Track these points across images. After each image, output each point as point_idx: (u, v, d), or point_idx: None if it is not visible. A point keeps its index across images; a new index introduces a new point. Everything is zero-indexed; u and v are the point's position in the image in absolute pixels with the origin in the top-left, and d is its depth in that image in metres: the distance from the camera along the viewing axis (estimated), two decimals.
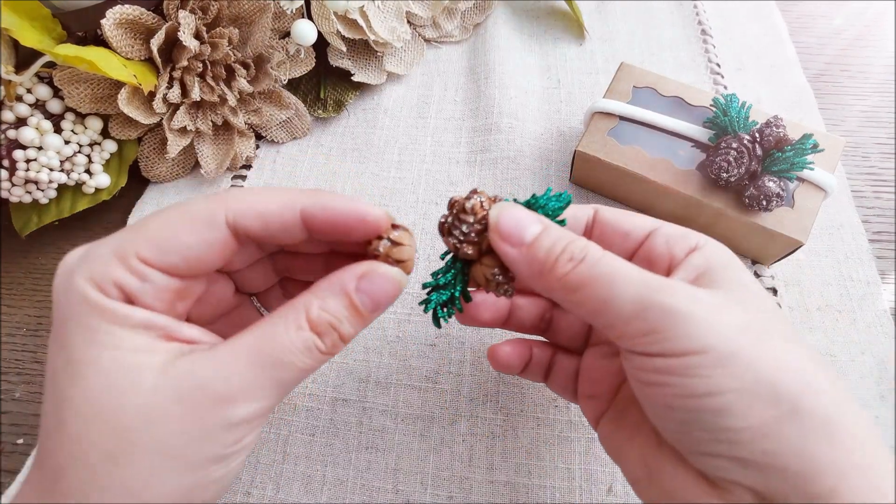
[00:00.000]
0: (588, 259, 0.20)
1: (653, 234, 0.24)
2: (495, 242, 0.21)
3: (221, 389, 0.18)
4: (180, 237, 0.19)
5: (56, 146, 0.37)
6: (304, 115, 0.46)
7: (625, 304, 0.19)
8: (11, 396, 0.36)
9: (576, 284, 0.20)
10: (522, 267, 0.21)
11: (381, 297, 0.21)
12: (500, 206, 0.22)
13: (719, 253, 0.23)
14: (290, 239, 0.21)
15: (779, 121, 0.34)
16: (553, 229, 0.21)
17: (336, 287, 0.20)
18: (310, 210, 0.21)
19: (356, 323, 0.21)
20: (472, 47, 0.51)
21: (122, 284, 0.19)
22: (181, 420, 0.18)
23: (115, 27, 0.35)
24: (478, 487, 0.31)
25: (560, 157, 0.44)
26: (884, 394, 0.33)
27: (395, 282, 0.21)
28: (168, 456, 0.18)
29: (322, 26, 0.43)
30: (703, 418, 0.18)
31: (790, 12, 0.53)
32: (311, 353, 0.20)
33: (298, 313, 0.20)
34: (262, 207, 0.20)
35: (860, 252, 0.39)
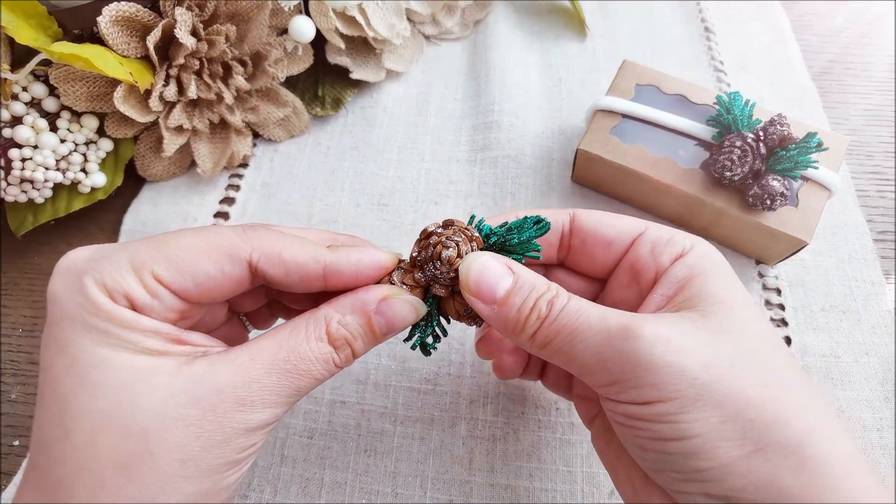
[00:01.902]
0: (551, 313, 0.20)
1: (637, 242, 0.24)
2: (468, 298, 0.22)
3: (242, 393, 0.19)
4: (200, 265, 0.19)
5: (52, 145, 0.36)
6: (301, 113, 0.46)
7: (587, 356, 0.19)
8: (7, 398, 0.36)
9: (543, 341, 0.20)
10: (496, 324, 0.21)
11: (398, 322, 0.22)
12: (471, 260, 0.21)
13: (702, 259, 0.22)
14: (306, 288, 0.22)
15: (783, 119, 0.34)
16: (523, 282, 0.21)
17: (357, 305, 0.21)
18: (334, 266, 0.21)
19: (369, 342, 0.22)
20: (473, 44, 0.51)
21: (132, 297, 0.18)
22: (199, 424, 0.18)
23: (111, 24, 0.35)
24: (478, 490, 0.31)
25: (561, 156, 0.43)
26: (888, 395, 0.33)
27: (414, 309, 0.22)
28: (185, 462, 0.18)
29: (320, 23, 0.42)
30: (673, 459, 0.18)
31: (792, 11, 0.53)
32: (328, 364, 0.21)
33: (319, 326, 0.21)
34: (289, 257, 0.21)
35: (864, 252, 0.38)
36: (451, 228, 0.23)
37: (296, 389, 0.20)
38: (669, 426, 0.18)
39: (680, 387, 0.18)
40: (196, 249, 0.20)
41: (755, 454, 0.17)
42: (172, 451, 0.17)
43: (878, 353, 0.34)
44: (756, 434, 0.17)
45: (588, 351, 0.19)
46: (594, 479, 0.31)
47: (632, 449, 0.20)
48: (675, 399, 0.18)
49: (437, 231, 0.23)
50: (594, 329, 0.19)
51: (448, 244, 0.22)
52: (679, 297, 0.21)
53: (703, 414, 0.17)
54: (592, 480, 0.31)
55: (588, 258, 0.25)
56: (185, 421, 0.18)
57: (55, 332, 0.18)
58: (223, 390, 0.18)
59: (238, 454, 0.19)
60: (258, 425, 0.19)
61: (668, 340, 0.18)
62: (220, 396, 0.18)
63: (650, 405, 0.18)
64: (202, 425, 0.18)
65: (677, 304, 0.21)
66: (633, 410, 0.19)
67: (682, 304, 0.21)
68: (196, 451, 0.18)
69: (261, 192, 0.43)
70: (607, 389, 0.19)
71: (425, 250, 0.22)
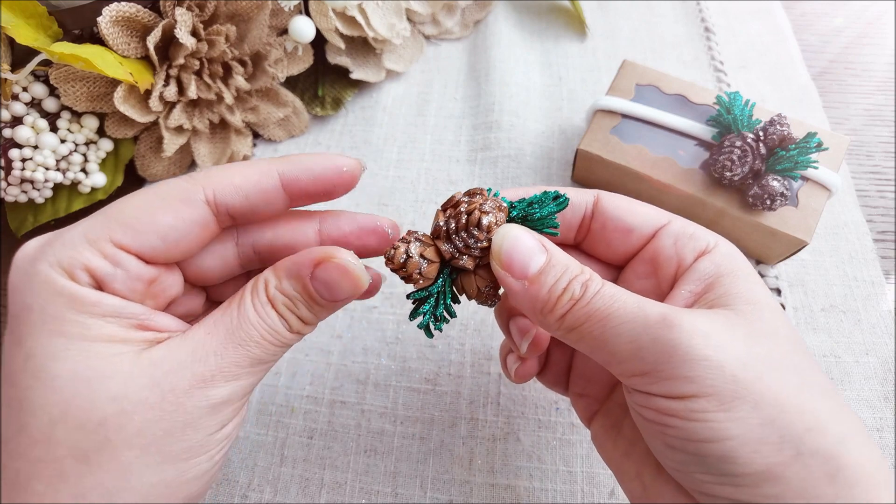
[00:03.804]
0: (585, 296, 0.19)
1: (660, 233, 0.23)
2: (497, 271, 0.20)
3: (200, 370, 0.18)
4: (157, 217, 0.19)
5: (52, 145, 0.36)
6: (301, 113, 0.46)
7: (620, 342, 0.18)
8: None
9: (572, 324, 0.19)
10: (524, 302, 0.20)
11: (337, 290, 0.20)
12: (504, 232, 0.20)
13: (729, 258, 0.21)
14: (271, 209, 0.21)
15: (783, 119, 0.34)
16: (556, 261, 0.20)
17: (294, 270, 0.20)
18: (288, 174, 0.21)
19: (315, 309, 0.20)
20: (473, 44, 0.51)
21: (92, 269, 0.18)
22: (160, 407, 0.17)
23: (111, 25, 0.35)
24: (478, 490, 0.31)
25: (562, 155, 0.43)
26: (888, 395, 0.33)
27: (351, 275, 0.20)
28: (147, 449, 0.17)
29: (320, 23, 0.42)
30: (705, 461, 0.17)
31: (792, 10, 0.53)
32: (277, 332, 0.20)
33: (259, 290, 0.20)
34: (241, 180, 0.20)
35: (865, 252, 0.38)
36: (479, 197, 0.21)
37: (255, 358, 0.19)
38: (704, 425, 0.17)
39: (717, 382, 0.17)
40: (149, 205, 0.19)
41: (793, 461, 0.16)
42: (133, 438, 0.17)
43: (878, 353, 0.34)
44: (794, 440, 0.16)
45: (622, 338, 0.18)
46: (594, 479, 0.31)
47: (656, 447, 0.20)
48: (711, 395, 0.17)
49: (465, 199, 0.22)
50: (630, 315, 0.18)
51: (486, 210, 0.21)
52: (710, 294, 0.20)
53: (741, 414, 0.17)
54: (592, 480, 0.31)
55: (606, 244, 0.25)
56: (145, 405, 0.17)
57: (13, 326, 0.18)
58: (181, 369, 0.18)
59: (205, 437, 0.18)
60: (221, 401, 0.18)
61: (707, 334, 0.18)
62: (178, 375, 0.18)
63: (684, 400, 0.17)
64: (163, 407, 0.17)
65: (708, 301, 0.20)
66: (664, 405, 0.18)
67: (713, 301, 0.20)
68: (158, 436, 0.17)
69: None
70: (639, 380, 0.18)
71: (456, 219, 0.21)
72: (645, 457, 0.21)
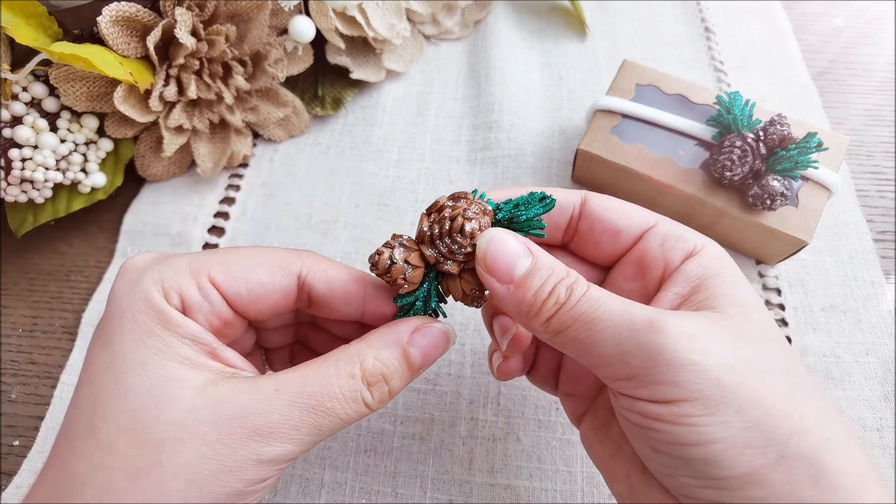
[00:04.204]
0: (570, 299, 0.19)
1: (647, 235, 0.23)
2: (482, 275, 0.21)
3: (260, 423, 0.18)
4: (254, 272, 0.21)
5: (52, 145, 0.36)
6: (301, 113, 0.46)
7: (606, 346, 0.18)
8: (7, 398, 0.36)
9: (558, 328, 0.19)
10: (509, 305, 0.20)
11: (433, 351, 0.21)
12: (489, 236, 0.20)
13: (716, 260, 0.21)
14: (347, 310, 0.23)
15: (783, 119, 0.34)
16: (541, 264, 0.20)
17: (391, 339, 0.21)
18: (376, 291, 0.22)
19: (406, 377, 0.21)
20: (473, 44, 0.51)
21: (184, 294, 0.20)
22: (213, 446, 0.18)
23: (111, 24, 0.35)
24: (478, 490, 0.31)
25: (562, 155, 0.43)
26: (888, 395, 0.33)
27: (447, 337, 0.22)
28: (191, 482, 0.17)
29: (320, 23, 0.42)
30: (689, 465, 0.17)
31: (792, 10, 0.53)
32: (357, 404, 0.20)
33: (352, 362, 0.20)
34: (334, 274, 0.22)
35: (865, 252, 0.38)
36: (464, 201, 0.21)
37: (317, 427, 0.19)
38: (689, 429, 0.17)
39: (703, 387, 0.17)
40: (251, 259, 0.21)
41: (777, 464, 0.16)
42: (182, 468, 0.17)
43: (878, 353, 0.34)
44: (778, 443, 0.16)
45: (608, 342, 0.18)
46: (594, 479, 0.31)
47: (642, 450, 0.20)
48: (696, 399, 0.17)
49: (450, 204, 0.22)
50: (616, 319, 0.18)
51: (469, 216, 0.21)
52: (696, 296, 0.20)
53: (726, 418, 0.17)
54: (592, 480, 0.31)
55: (594, 245, 0.25)
56: (201, 440, 0.18)
57: (104, 328, 0.19)
58: (242, 416, 0.18)
59: (245, 486, 0.18)
60: (271, 458, 0.19)
61: (693, 338, 0.18)
62: (238, 422, 0.18)
63: (669, 404, 0.17)
64: (215, 448, 0.18)
65: (695, 303, 0.20)
66: (650, 409, 0.18)
67: (700, 303, 0.20)
68: (204, 474, 0.18)
69: (260, 191, 0.43)
70: (624, 384, 0.19)
71: (440, 224, 0.21)
72: (632, 458, 0.21)
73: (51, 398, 0.35)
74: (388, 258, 0.21)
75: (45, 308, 0.39)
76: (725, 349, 0.18)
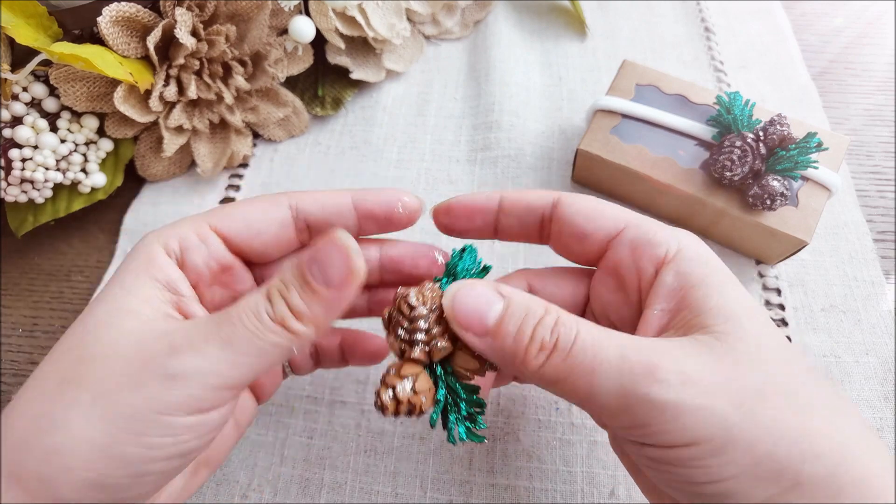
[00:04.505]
0: (560, 345, 0.18)
1: (616, 242, 0.22)
2: (458, 332, 0.20)
3: (176, 340, 0.19)
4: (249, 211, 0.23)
5: (52, 145, 0.36)
6: (301, 113, 0.46)
7: (608, 398, 0.18)
8: (7, 398, 0.36)
9: (553, 378, 0.19)
10: (495, 357, 0.20)
11: (329, 268, 0.19)
12: (455, 288, 0.20)
13: (694, 266, 0.20)
14: (343, 223, 0.24)
15: (783, 119, 0.34)
16: (515, 308, 0.19)
17: (295, 258, 0.20)
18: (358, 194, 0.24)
19: (307, 295, 0.19)
20: (473, 44, 0.51)
21: (182, 239, 0.22)
22: (128, 361, 0.18)
23: (111, 25, 0.35)
24: (478, 490, 0.31)
25: (562, 156, 0.43)
26: (888, 395, 0.33)
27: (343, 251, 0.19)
28: (99, 395, 0.18)
29: (320, 23, 0.42)
30: (707, 498, 0.17)
31: (792, 10, 0.53)
32: (260, 314, 0.19)
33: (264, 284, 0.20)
34: (320, 195, 0.24)
35: (865, 252, 0.38)
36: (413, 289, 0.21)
37: (225, 339, 0.18)
38: (700, 471, 0.17)
39: (711, 430, 0.17)
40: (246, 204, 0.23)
41: (793, 489, 0.16)
42: (95, 381, 0.18)
43: (878, 353, 0.34)
44: (792, 471, 0.16)
45: (610, 394, 0.18)
46: (594, 479, 0.31)
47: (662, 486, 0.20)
48: (704, 443, 0.17)
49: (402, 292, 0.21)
50: (614, 369, 0.18)
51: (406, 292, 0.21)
52: (684, 313, 0.20)
53: (735, 457, 0.17)
54: (592, 480, 0.31)
55: (564, 248, 0.24)
56: (122, 357, 0.18)
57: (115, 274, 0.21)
58: (164, 335, 0.19)
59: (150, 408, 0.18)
60: (178, 373, 0.18)
61: (695, 382, 0.17)
62: (157, 341, 0.18)
63: (678, 449, 0.17)
64: (130, 363, 0.18)
65: (683, 321, 0.20)
66: (659, 454, 0.18)
67: (688, 322, 0.19)
68: (111, 388, 0.18)
69: (260, 192, 0.43)
70: (630, 432, 0.18)
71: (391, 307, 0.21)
72: None
73: None
74: (391, 398, 0.20)
75: (46, 308, 0.39)
76: (728, 383, 0.17)
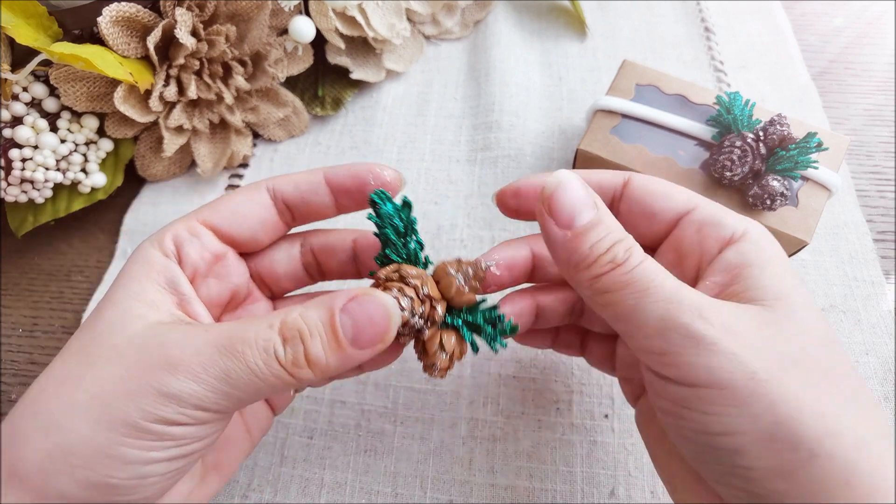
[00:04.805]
0: (627, 264, 0.19)
1: (684, 221, 0.22)
2: (542, 215, 0.20)
3: (175, 354, 0.18)
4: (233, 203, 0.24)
5: (52, 145, 0.36)
6: (301, 113, 0.46)
7: (650, 318, 0.18)
8: (7, 398, 0.36)
9: (606, 287, 0.19)
10: (560, 252, 0.20)
11: (366, 325, 0.19)
12: (560, 177, 0.20)
13: (757, 248, 0.21)
14: (319, 200, 0.24)
15: (783, 119, 0.34)
16: (605, 222, 0.20)
17: (324, 301, 0.20)
18: (331, 170, 0.24)
19: (330, 346, 0.19)
20: (473, 44, 0.51)
21: (176, 236, 0.22)
22: (128, 368, 0.18)
23: (111, 25, 0.35)
24: (478, 491, 0.31)
25: (562, 156, 0.43)
26: (888, 395, 0.33)
27: (387, 311, 0.20)
28: (95, 397, 0.18)
29: (320, 23, 0.42)
30: (717, 454, 0.18)
31: (792, 10, 0.53)
32: (268, 355, 0.18)
33: (279, 315, 0.19)
34: (294, 176, 0.24)
35: (865, 252, 0.38)
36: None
37: (225, 372, 0.18)
38: (717, 418, 0.17)
39: (735, 376, 0.17)
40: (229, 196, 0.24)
41: (806, 462, 0.16)
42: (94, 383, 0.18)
43: (878, 353, 0.34)
44: (811, 441, 0.16)
45: (652, 314, 0.18)
46: (594, 479, 0.31)
47: (674, 438, 0.20)
48: (727, 388, 0.17)
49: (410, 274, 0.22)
50: (667, 295, 0.18)
51: None
52: (735, 286, 0.20)
53: (756, 410, 0.17)
54: (592, 480, 0.31)
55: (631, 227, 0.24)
56: (122, 361, 0.18)
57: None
58: (163, 345, 0.18)
59: (142, 419, 0.18)
60: (172, 393, 0.18)
61: (738, 332, 0.18)
62: (157, 349, 0.18)
63: (699, 389, 0.17)
64: (129, 370, 0.18)
65: (734, 293, 0.20)
66: (680, 393, 0.18)
67: (739, 294, 0.20)
68: (108, 391, 0.18)
69: None
70: (656, 359, 0.19)
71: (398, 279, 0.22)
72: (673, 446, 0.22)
73: None
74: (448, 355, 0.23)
75: (46, 308, 0.39)
76: (766, 346, 0.18)
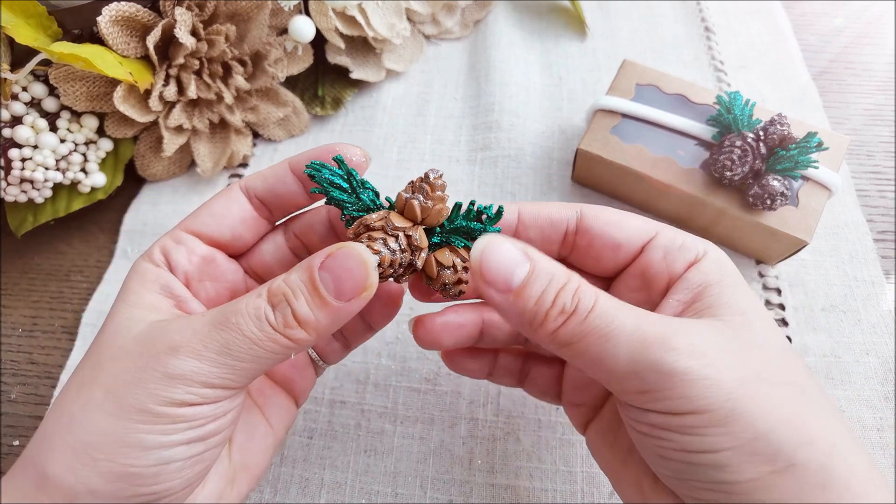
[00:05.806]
0: (579, 310, 0.19)
1: (649, 248, 0.23)
2: (479, 286, 0.20)
3: (176, 339, 0.19)
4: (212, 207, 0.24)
5: (52, 145, 0.36)
6: (301, 113, 0.46)
7: (619, 362, 0.18)
8: (7, 398, 0.36)
9: (567, 340, 0.19)
10: (512, 316, 0.20)
11: (344, 275, 0.19)
12: (484, 242, 0.20)
13: (717, 267, 0.22)
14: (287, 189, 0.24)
15: (783, 119, 0.34)
16: (540, 270, 0.19)
17: (304, 263, 0.20)
18: (294, 159, 0.24)
19: (315, 304, 0.20)
20: (473, 44, 0.51)
21: (164, 247, 0.23)
22: (133, 360, 0.19)
23: (111, 24, 0.35)
24: (478, 490, 0.31)
25: (562, 155, 0.43)
26: (888, 395, 0.33)
27: (361, 258, 0.20)
28: (109, 392, 0.19)
29: (320, 23, 0.42)
30: (698, 471, 0.18)
31: (792, 10, 0.53)
32: (260, 321, 0.19)
33: (265, 284, 0.20)
34: (263, 171, 0.25)
35: (865, 252, 0.38)
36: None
37: (224, 345, 0.19)
38: (699, 438, 0.18)
39: (713, 400, 0.17)
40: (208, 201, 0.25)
41: (785, 471, 0.17)
42: (107, 380, 0.19)
43: (878, 353, 0.34)
44: (787, 453, 0.17)
45: (620, 358, 0.18)
46: (594, 479, 0.31)
47: (651, 458, 0.20)
48: (707, 412, 0.17)
49: None
50: (628, 336, 0.18)
51: None
52: (698, 304, 0.21)
53: (736, 429, 0.17)
54: (592, 480, 0.31)
55: (594, 259, 0.24)
56: (128, 356, 0.19)
57: None
58: (165, 334, 0.19)
59: (153, 404, 0.18)
60: (177, 374, 0.18)
61: (704, 353, 0.18)
62: (160, 339, 0.19)
63: (680, 416, 0.18)
64: (135, 361, 0.19)
65: (697, 310, 0.20)
66: (660, 420, 0.18)
67: (702, 311, 0.20)
68: (119, 385, 0.19)
69: None
70: (635, 397, 0.19)
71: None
72: (643, 464, 0.21)
73: (51, 398, 0.35)
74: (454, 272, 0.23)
75: (45, 308, 0.39)
76: (735, 362, 0.18)
